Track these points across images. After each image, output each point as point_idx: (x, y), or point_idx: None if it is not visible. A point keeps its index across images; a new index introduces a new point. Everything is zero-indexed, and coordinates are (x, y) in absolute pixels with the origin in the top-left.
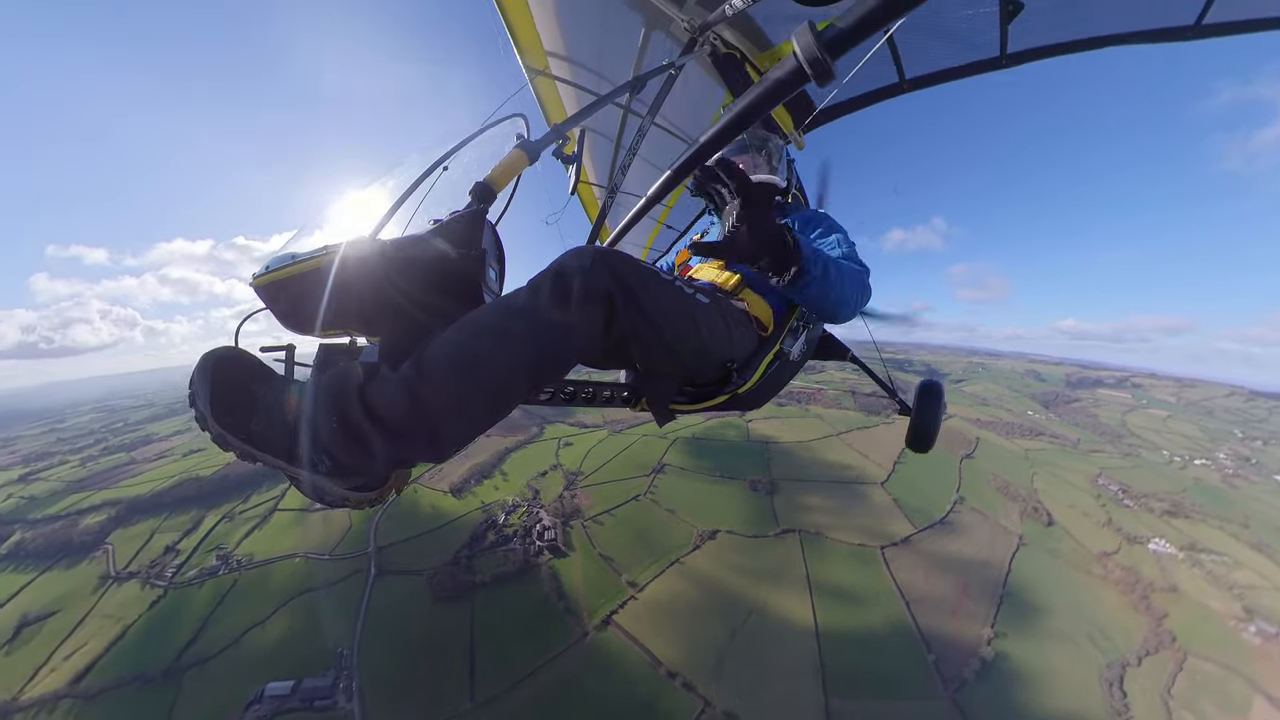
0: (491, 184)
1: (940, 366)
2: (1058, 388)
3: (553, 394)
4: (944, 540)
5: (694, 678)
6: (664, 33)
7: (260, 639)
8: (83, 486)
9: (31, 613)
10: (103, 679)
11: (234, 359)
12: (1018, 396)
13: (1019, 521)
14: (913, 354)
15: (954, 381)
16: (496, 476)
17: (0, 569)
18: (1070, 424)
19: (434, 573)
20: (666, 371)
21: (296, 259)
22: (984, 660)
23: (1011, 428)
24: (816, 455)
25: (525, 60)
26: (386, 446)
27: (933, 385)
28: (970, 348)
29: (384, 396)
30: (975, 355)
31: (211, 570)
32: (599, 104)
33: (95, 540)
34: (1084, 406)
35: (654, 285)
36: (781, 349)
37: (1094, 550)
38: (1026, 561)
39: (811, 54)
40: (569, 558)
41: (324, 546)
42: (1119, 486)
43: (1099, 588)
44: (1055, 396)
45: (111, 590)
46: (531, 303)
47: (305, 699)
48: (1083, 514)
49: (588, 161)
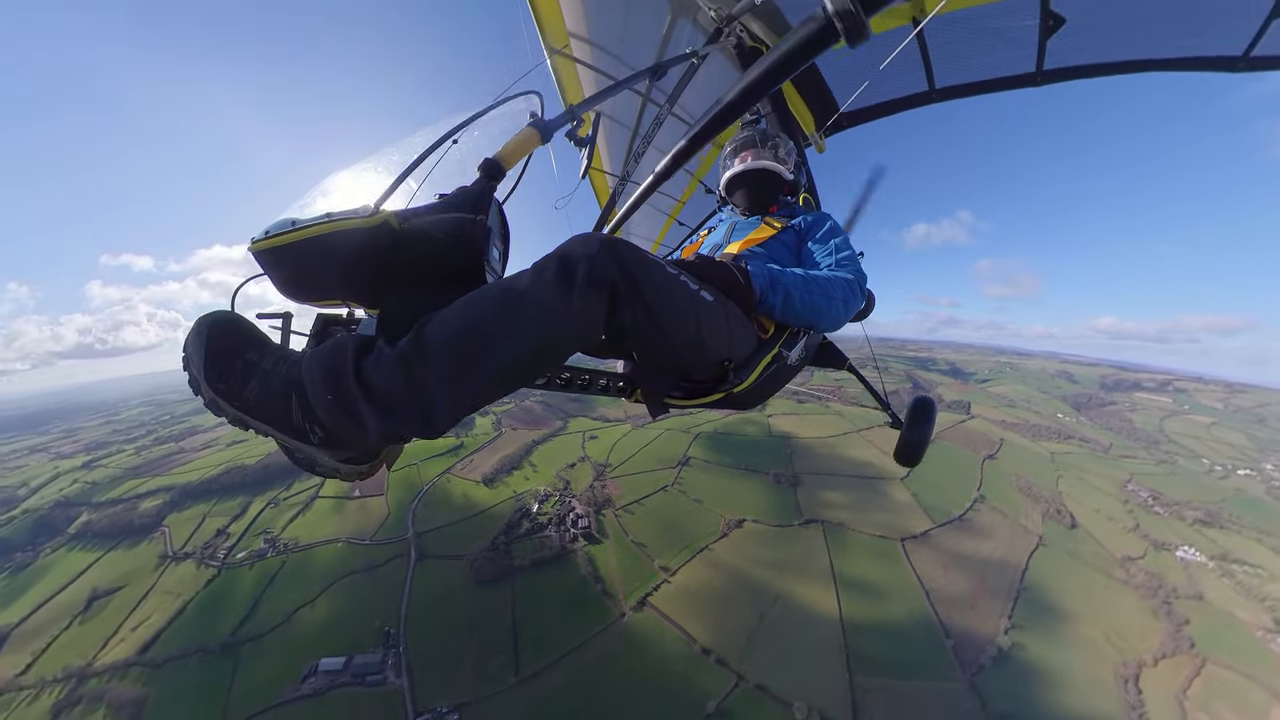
0: (501, 161)
1: (965, 366)
2: (1091, 390)
3: (549, 379)
4: (963, 537)
5: (726, 655)
6: (689, 21)
7: (309, 618)
8: (139, 473)
9: (100, 587)
10: (167, 650)
11: (230, 324)
12: (1047, 398)
13: (1040, 522)
14: (937, 352)
15: (979, 381)
16: (526, 468)
17: (70, 547)
18: (1102, 428)
19: (474, 558)
20: (664, 365)
21: (298, 225)
22: (1000, 649)
23: (1038, 430)
24: (837, 451)
25: (545, 38)
26: (380, 421)
27: (925, 402)
28: (998, 346)
29: (380, 371)
30: (1003, 354)
31: (260, 553)
32: (618, 87)
33: (153, 523)
34: (1118, 410)
35: (659, 277)
36: (780, 352)
37: (1117, 554)
38: (1046, 561)
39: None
40: (603, 544)
41: (363, 533)
42: (1149, 493)
43: (1119, 590)
44: (1088, 399)
45: (170, 569)
46: (534, 286)
47: (357, 674)
48: (1108, 518)
49: (601, 148)
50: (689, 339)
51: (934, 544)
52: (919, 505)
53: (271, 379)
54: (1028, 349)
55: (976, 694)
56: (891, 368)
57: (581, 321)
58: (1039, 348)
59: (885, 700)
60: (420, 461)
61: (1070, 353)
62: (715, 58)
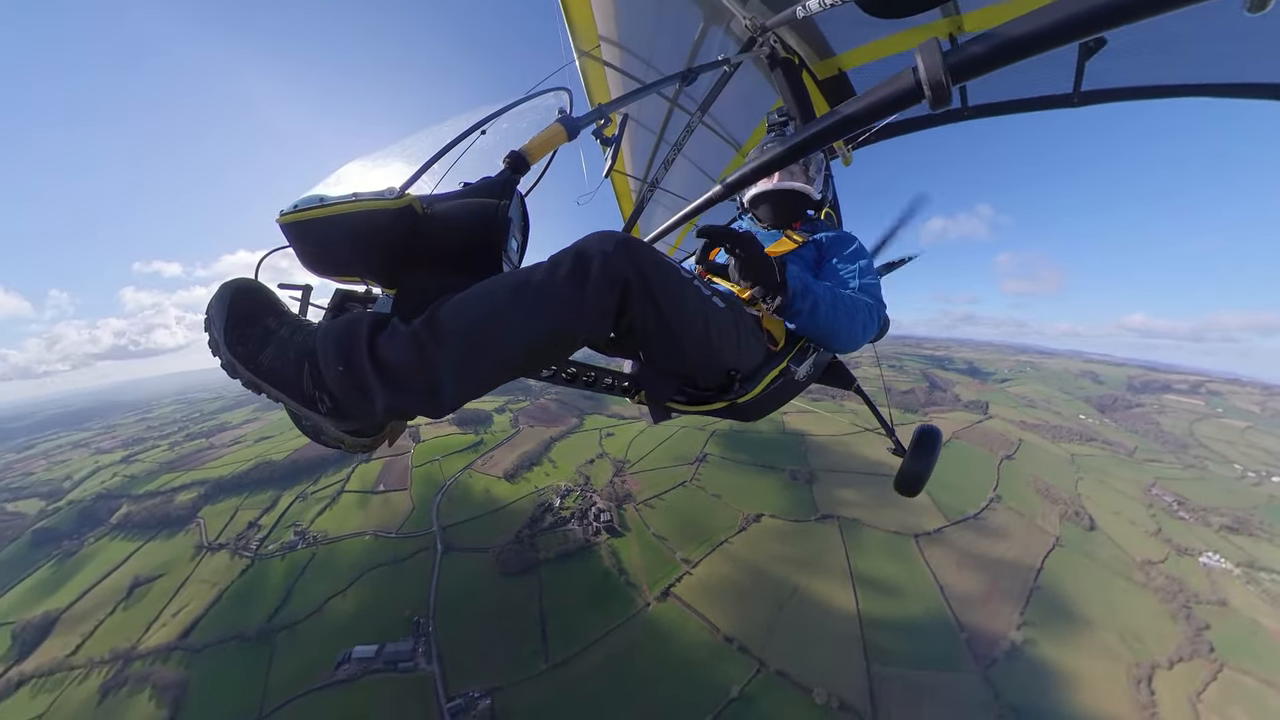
0: (527, 154)
1: (984, 365)
2: (1117, 391)
3: (555, 372)
4: (977, 536)
5: (748, 643)
6: (722, 28)
7: (340, 607)
8: (173, 467)
9: (141, 575)
10: (206, 636)
11: (252, 291)
12: (1069, 399)
13: (1058, 524)
14: (954, 350)
15: (998, 381)
16: (546, 464)
17: (112, 536)
18: (1127, 431)
19: (499, 550)
20: (670, 368)
21: (325, 202)
22: (1013, 644)
23: (1059, 431)
24: (851, 450)
25: (576, 40)
26: (387, 396)
27: (930, 433)
28: (1019, 345)
29: (392, 348)
30: (1025, 353)
31: (290, 545)
32: (648, 89)
33: (189, 515)
34: (1145, 413)
35: (672, 280)
36: (788, 367)
37: (1136, 557)
38: (1062, 561)
39: (935, 77)
40: (625, 537)
41: (388, 526)
42: (1174, 498)
43: (1137, 593)
44: (1113, 401)
45: (206, 559)
46: (549, 278)
47: (389, 661)
48: (1129, 522)
49: (627, 152)
50: (697, 343)
51: (948, 542)
52: (934, 505)
53: (287, 347)
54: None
55: (990, 686)
56: (907, 366)
57: (592, 316)
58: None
59: (901, 688)
60: (442, 458)
61: (1096, 352)
62: (747, 68)
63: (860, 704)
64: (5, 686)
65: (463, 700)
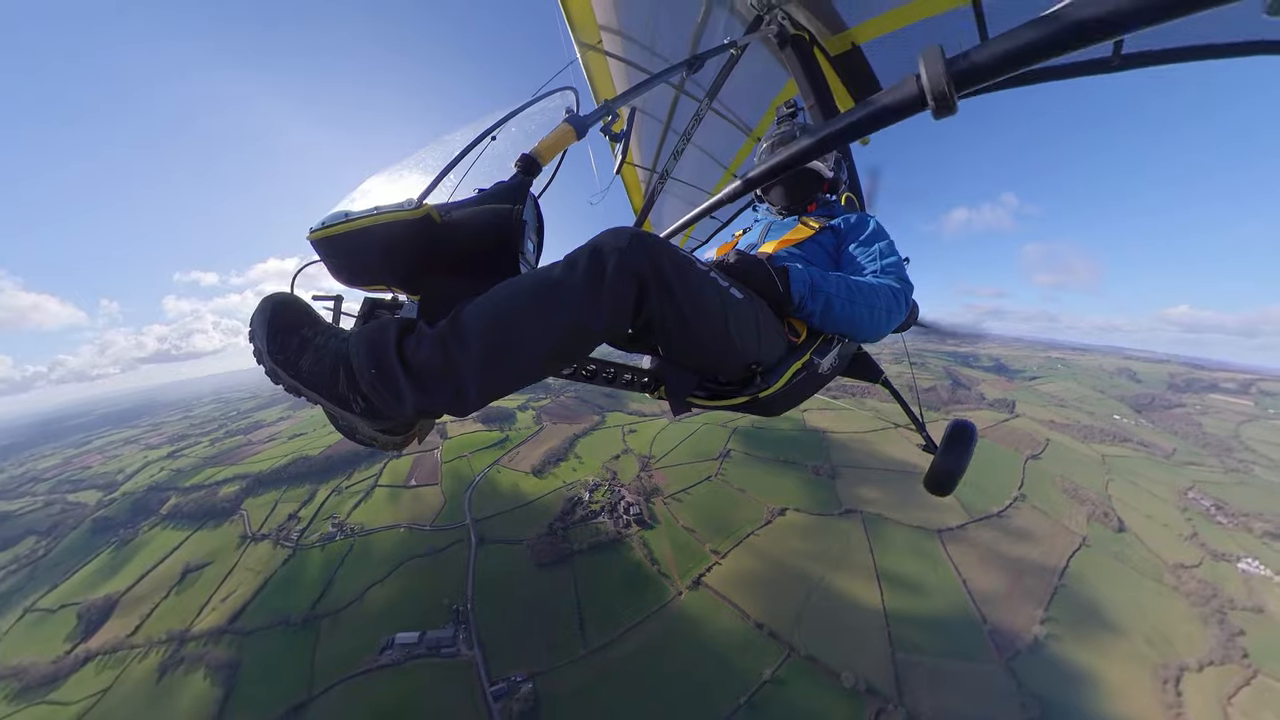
0: (537, 157)
1: (1011, 362)
2: (1156, 390)
3: (575, 370)
4: (1000, 534)
5: (778, 629)
6: (726, 9)
7: (380, 596)
8: (215, 462)
9: (191, 562)
10: (254, 621)
11: (289, 304)
12: (1103, 398)
13: (1084, 524)
14: (980, 347)
15: (1027, 379)
16: (572, 459)
17: (163, 526)
18: (1165, 432)
19: (533, 542)
20: (689, 363)
21: (350, 217)
22: (1035, 638)
23: (1090, 431)
24: (873, 448)
25: (577, 34)
26: (416, 396)
27: (964, 428)
28: (1050, 340)
29: (420, 350)
30: (1055, 349)
31: (329, 536)
32: (653, 81)
33: (232, 506)
34: (1187, 414)
35: (689, 273)
36: (811, 360)
37: (1168, 561)
38: (1087, 562)
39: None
40: (655, 529)
41: (421, 519)
42: (1213, 502)
43: (1167, 596)
44: (1151, 400)
45: (250, 548)
46: (565, 277)
47: (431, 647)
48: (1161, 525)
49: (635, 143)
50: (716, 337)
51: (970, 540)
52: (957, 502)
53: (323, 353)
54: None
55: (1012, 676)
56: (930, 364)
57: (610, 313)
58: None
59: (925, 675)
60: (470, 454)
61: (1135, 347)
62: (754, 48)
63: (886, 688)
64: (74, 662)
65: (505, 684)
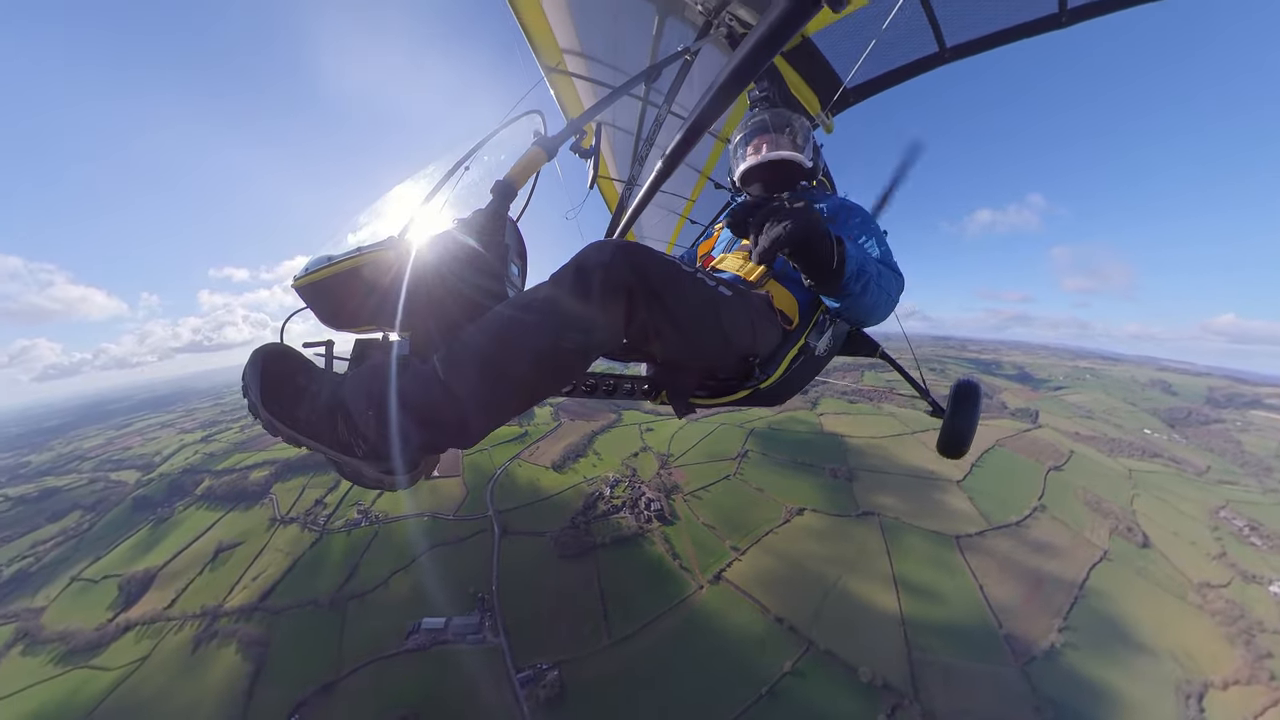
0: (511, 182)
1: (1036, 370)
2: (1193, 404)
3: (574, 386)
4: (1018, 543)
5: (797, 624)
6: (678, 19)
7: (405, 581)
8: (245, 447)
9: (224, 542)
10: (283, 600)
11: (280, 354)
12: (1133, 411)
13: (1106, 538)
14: (1003, 354)
15: (1053, 388)
16: (591, 456)
17: (198, 506)
18: (1200, 448)
19: (557, 534)
20: (687, 364)
21: (333, 260)
22: (1052, 645)
23: (1117, 445)
24: (890, 453)
25: (541, 57)
26: (417, 433)
27: (968, 386)
28: (1079, 348)
29: (415, 388)
30: (1085, 358)
31: (354, 522)
32: (613, 96)
33: (262, 490)
34: (1225, 430)
35: (675, 278)
36: (807, 343)
37: (1193, 579)
38: (1109, 575)
39: None
40: (675, 525)
41: (442, 510)
42: (1246, 522)
43: (1190, 614)
44: (1187, 414)
45: (279, 530)
46: (553, 297)
47: (457, 633)
48: (1189, 543)
49: (609, 156)
50: (710, 334)
51: (988, 548)
52: (975, 511)
53: (319, 400)
54: (1117, 352)
55: (1027, 679)
56: (949, 370)
57: (602, 327)
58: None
59: (941, 674)
60: (491, 448)
61: (1173, 358)
62: (708, 51)
63: (902, 685)
64: (115, 630)
65: (531, 671)
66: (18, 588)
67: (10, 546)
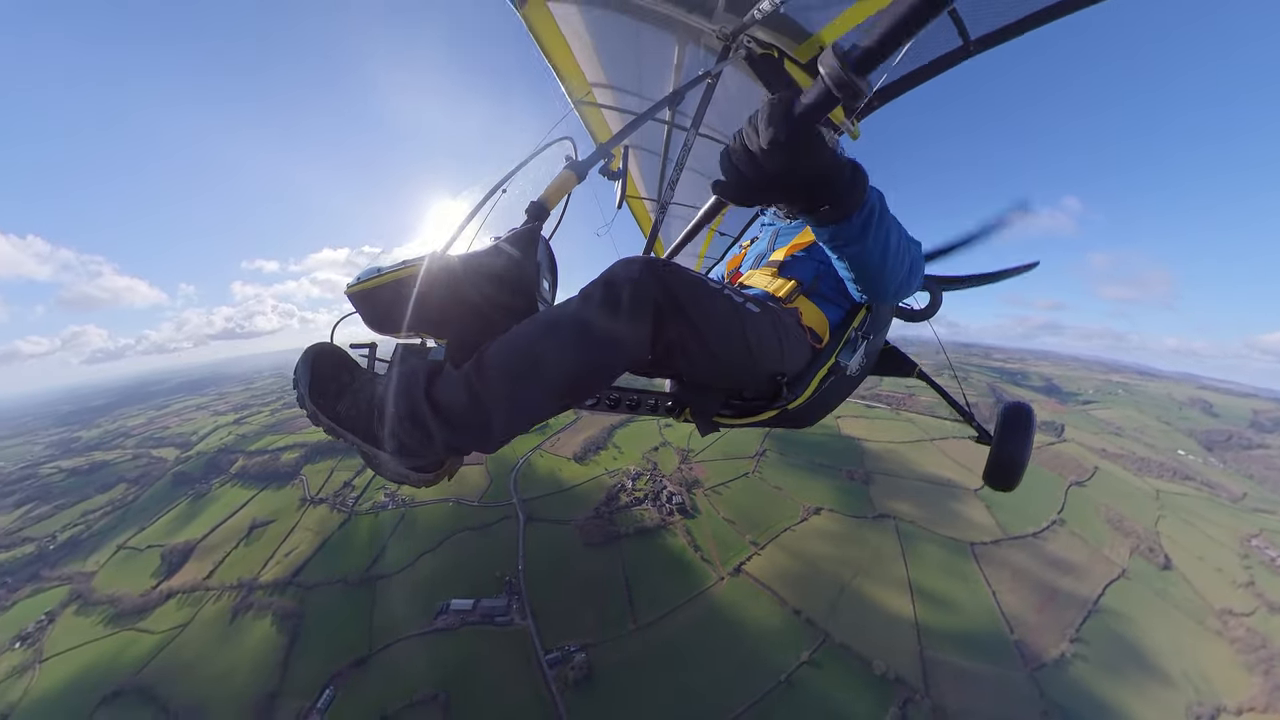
0: (544, 203)
1: (1065, 383)
2: (1234, 426)
3: (597, 400)
4: (1034, 554)
5: (814, 617)
6: (697, 45)
7: (432, 563)
8: (275, 430)
9: (258, 519)
10: (315, 576)
11: (330, 353)
12: (1168, 430)
13: (1126, 556)
14: (1030, 364)
15: (1081, 402)
16: (611, 448)
17: (233, 484)
18: (1238, 474)
19: (581, 523)
20: (712, 382)
21: (382, 272)
22: (1063, 654)
23: (1146, 464)
24: (907, 459)
25: (569, 91)
26: (444, 434)
27: (1019, 410)
28: (1112, 361)
29: (447, 391)
30: (1118, 372)
31: (381, 505)
32: (638, 122)
33: (293, 471)
34: (1268, 456)
35: (702, 294)
36: (837, 362)
37: (1215, 605)
38: (1126, 593)
39: (839, 78)
40: (697, 518)
41: (466, 496)
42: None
43: (1209, 639)
44: (1227, 438)
45: (309, 510)
46: (581, 311)
47: (485, 615)
48: (1214, 569)
49: (638, 176)
50: (737, 352)
51: (1003, 557)
52: (992, 520)
53: (359, 397)
54: (1154, 368)
55: (1036, 685)
56: (972, 378)
57: (628, 342)
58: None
59: (950, 672)
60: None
61: (1215, 376)
62: (731, 70)
63: (914, 680)
64: (159, 597)
65: (559, 653)
66: (71, 552)
67: (64, 514)
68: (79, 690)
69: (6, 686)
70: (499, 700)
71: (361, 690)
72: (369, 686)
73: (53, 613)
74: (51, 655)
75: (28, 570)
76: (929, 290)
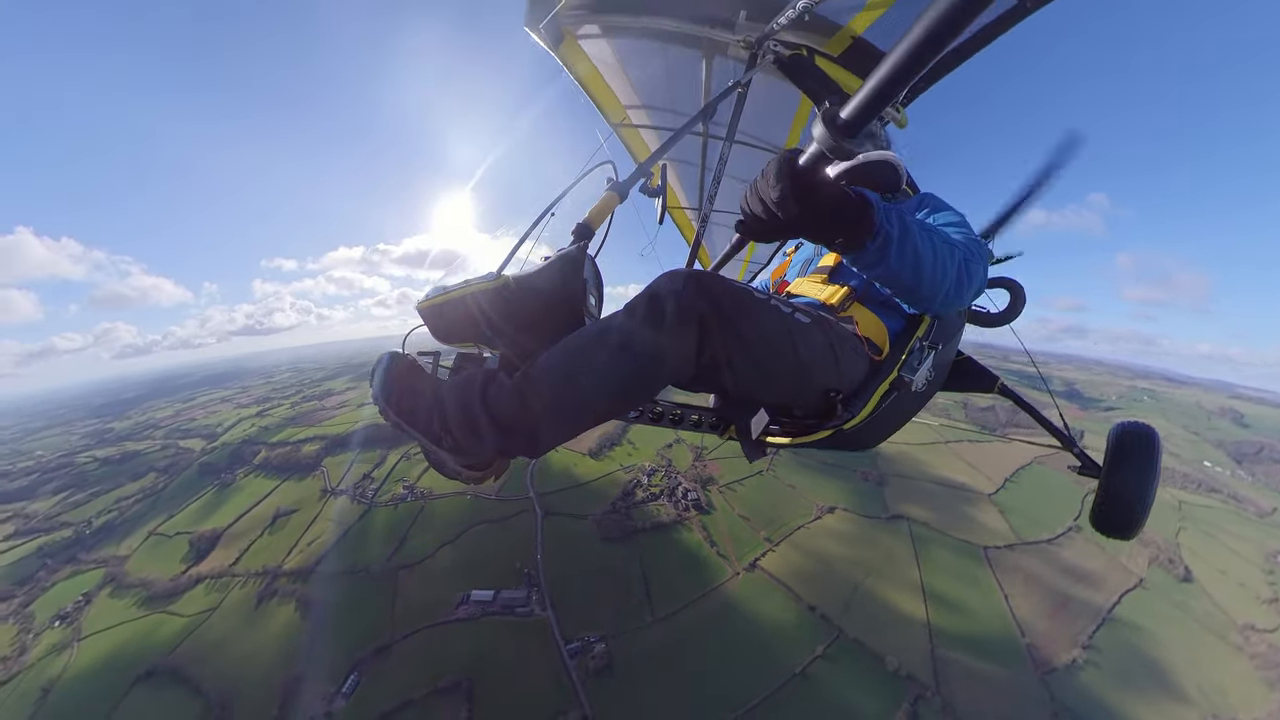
0: (589, 224)
1: (1087, 389)
2: (1268, 439)
3: (641, 413)
4: (1049, 560)
5: (828, 613)
6: (724, 56)
7: (451, 555)
8: (295, 423)
9: (282, 508)
10: (337, 565)
11: (400, 359)
12: (1195, 440)
13: (1145, 566)
14: (1052, 368)
15: (1103, 408)
16: (626, 445)
17: (256, 474)
18: (1269, 488)
19: (598, 517)
20: (760, 398)
21: (447, 290)
22: (1074, 660)
23: (1170, 475)
24: (921, 461)
25: (607, 116)
26: (495, 438)
27: (1138, 432)
28: (1139, 367)
29: (499, 399)
30: (1145, 378)
31: (400, 497)
32: (674, 139)
33: (314, 463)
34: None
35: (748, 306)
36: (900, 376)
37: (1237, 620)
38: (1142, 603)
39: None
40: (712, 515)
41: (483, 489)
42: None
43: (1228, 653)
44: (1258, 450)
45: (330, 501)
46: (627, 324)
47: (505, 605)
48: (1237, 583)
49: (680, 188)
50: (786, 367)
51: (1016, 562)
52: (1007, 526)
53: (423, 398)
54: (1183, 374)
55: (1046, 687)
56: None
57: (673, 355)
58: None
59: (961, 671)
60: None
61: (1248, 385)
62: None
63: (925, 678)
64: (188, 582)
65: (579, 644)
66: (106, 536)
67: (99, 500)
68: (114, 668)
69: (48, 663)
70: (521, 687)
71: (385, 676)
72: (393, 672)
73: (90, 594)
74: (90, 634)
75: (66, 553)
76: (1007, 288)
